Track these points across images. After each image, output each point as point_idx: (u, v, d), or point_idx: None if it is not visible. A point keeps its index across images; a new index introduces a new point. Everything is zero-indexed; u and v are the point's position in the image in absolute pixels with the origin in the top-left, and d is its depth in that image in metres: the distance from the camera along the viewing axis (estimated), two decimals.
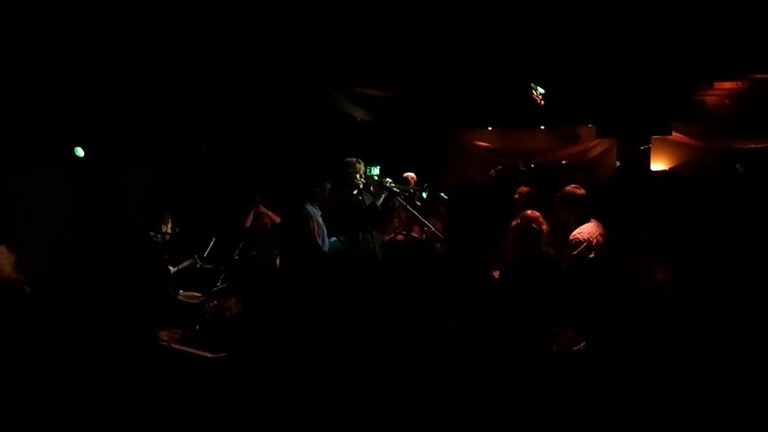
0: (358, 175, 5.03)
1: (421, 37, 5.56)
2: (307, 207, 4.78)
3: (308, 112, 7.53)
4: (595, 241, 3.98)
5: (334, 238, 4.93)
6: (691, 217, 5.06)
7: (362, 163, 5.11)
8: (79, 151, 5.80)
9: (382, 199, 5.04)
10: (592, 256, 3.94)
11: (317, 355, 3.97)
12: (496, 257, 4.49)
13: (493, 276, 4.42)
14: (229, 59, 5.65)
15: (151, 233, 5.60)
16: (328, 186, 4.95)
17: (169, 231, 5.67)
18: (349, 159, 5.07)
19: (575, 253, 3.96)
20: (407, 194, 5.59)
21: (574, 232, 4.07)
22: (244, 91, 6.52)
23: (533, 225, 3.80)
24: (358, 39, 5.56)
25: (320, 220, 4.82)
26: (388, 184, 5.11)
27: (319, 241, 4.71)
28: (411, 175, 6.73)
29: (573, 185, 4.36)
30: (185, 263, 5.45)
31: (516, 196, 5.79)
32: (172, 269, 5.40)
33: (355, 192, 5.03)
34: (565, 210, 4.29)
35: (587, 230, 4.05)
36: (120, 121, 5.96)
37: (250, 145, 7.55)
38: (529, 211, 3.92)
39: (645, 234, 4.54)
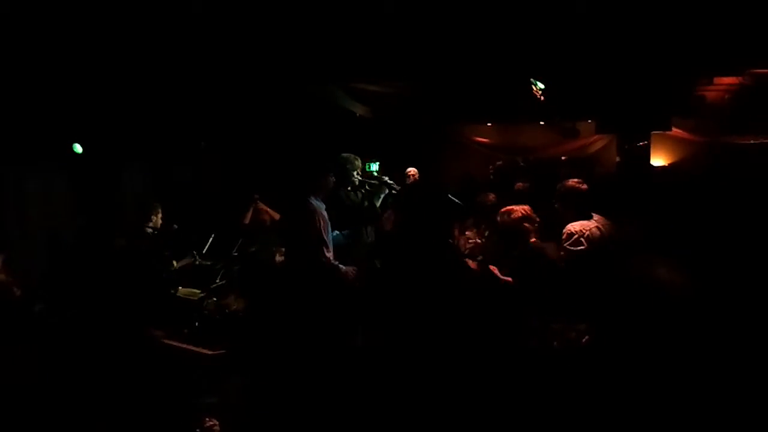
0: (355, 172, 4.99)
1: (420, 32, 5.54)
2: (312, 201, 4.65)
3: (307, 108, 7.52)
4: (587, 233, 3.89)
5: (336, 232, 4.89)
6: (693, 212, 5.04)
7: (359, 159, 5.06)
8: (78, 148, 5.78)
9: (381, 198, 5.02)
10: (583, 248, 3.86)
11: (316, 353, 3.96)
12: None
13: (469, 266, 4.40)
14: (227, 55, 5.64)
15: (148, 229, 5.56)
16: (333, 179, 4.83)
17: (160, 221, 5.57)
18: (346, 155, 5.01)
19: (565, 245, 3.91)
20: None
21: (568, 226, 3.98)
22: (242, 88, 6.50)
23: (511, 218, 3.85)
24: (358, 34, 5.54)
25: (325, 214, 4.68)
26: (387, 181, 5.09)
27: (325, 236, 4.58)
28: (413, 170, 6.76)
29: (575, 180, 4.18)
30: (184, 261, 5.41)
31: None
32: (176, 264, 5.38)
33: (349, 188, 4.99)
34: (564, 204, 4.11)
35: (580, 223, 3.97)
36: (119, 117, 5.95)
37: (249, 142, 7.53)
38: (510, 207, 3.92)
39: (644, 229, 4.51)
